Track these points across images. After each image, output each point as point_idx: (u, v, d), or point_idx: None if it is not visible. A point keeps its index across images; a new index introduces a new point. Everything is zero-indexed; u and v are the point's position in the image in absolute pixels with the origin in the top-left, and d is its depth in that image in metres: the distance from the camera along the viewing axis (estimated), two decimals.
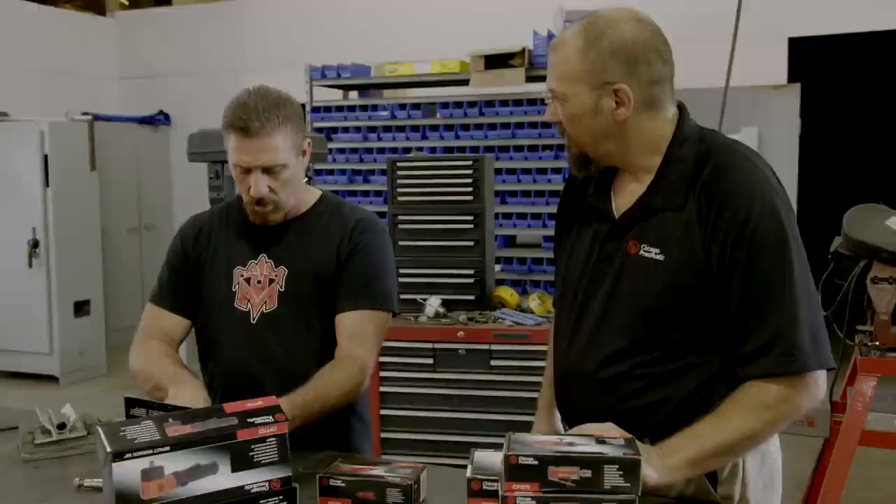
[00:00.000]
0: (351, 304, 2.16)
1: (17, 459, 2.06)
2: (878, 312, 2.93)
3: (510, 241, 5.99)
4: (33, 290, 6.89)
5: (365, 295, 2.17)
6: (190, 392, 2.02)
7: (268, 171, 2.07)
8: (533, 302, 3.96)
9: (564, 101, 1.69)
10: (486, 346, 3.78)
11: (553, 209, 5.42)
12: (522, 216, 5.71)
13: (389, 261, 2.26)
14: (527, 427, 1.91)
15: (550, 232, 5.51)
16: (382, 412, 3.91)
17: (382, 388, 3.86)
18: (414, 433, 3.89)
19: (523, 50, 5.62)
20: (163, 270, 2.33)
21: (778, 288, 1.58)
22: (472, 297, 4.01)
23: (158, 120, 8.83)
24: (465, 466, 1.65)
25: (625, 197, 1.76)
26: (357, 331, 2.15)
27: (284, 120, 2.05)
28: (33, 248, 6.82)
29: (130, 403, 1.90)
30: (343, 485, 1.69)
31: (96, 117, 7.41)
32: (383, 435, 3.92)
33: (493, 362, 3.80)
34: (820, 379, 1.61)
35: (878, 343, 2.97)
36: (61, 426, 2.11)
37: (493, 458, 1.66)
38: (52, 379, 6.97)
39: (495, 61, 5.67)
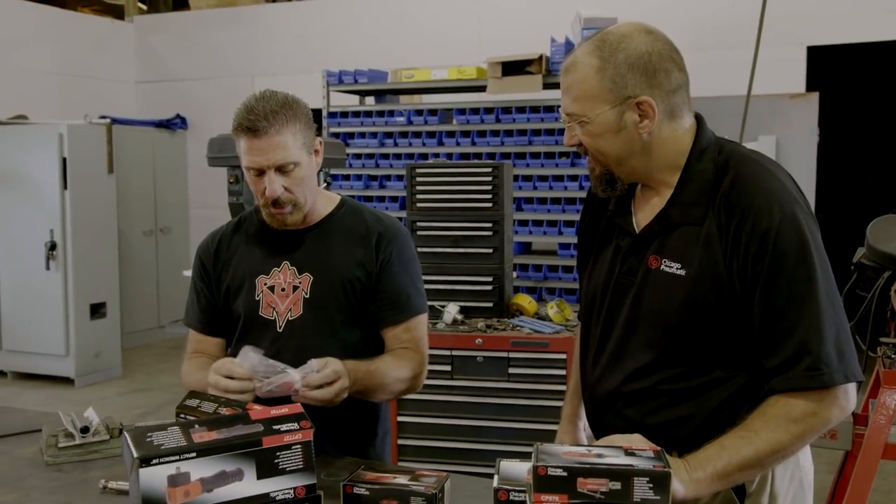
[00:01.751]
0: (396, 318, 2.21)
1: (41, 462, 2.07)
2: None
3: (526, 248, 5.98)
4: (50, 291, 6.93)
5: (406, 306, 2.21)
6: (218, 364, 2.01)
7: (280, 170, 2.06)
8: (551, 310, 3.94)
9: (586, 123, 1.66)
10: (504, 354, 3.76)
11: (569, 216, 5.47)
12: (538, 223, 5.70)
13: (417, 262, 2.29)
14: (544, 435, 1.89)
15: (566, 239, 5.52)
16: (400, 419, 3.90)
17: None
18: (431, 440, 3.88)
19: (541, 57, 5.60)
20: (190, 292, 2.34)
21: (801, 301, 1.56)
22: (489, 305, 4.00)
23: (175, 124, 8.86)
24: (482, 474, 1.64)
25: (646, 211, 1.75)
26: (407, 339, 2.21)
27: (291, 118, 2.05)
28: (51, 250, 6.85)
29: (191, 395, 1.93)
30: (367, 492, 1.69)
31: (114, 120, 7.44)
32: (400, 442, 3.90)
33: (511, 370, 3.78)
34: (849, 391, 1.58)
35: None
36: (84, 430, 2.11)
37: (518, 468, 1.65)
38: (67, 381, 7.00)
39: (512, 68, 5.66)
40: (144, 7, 9.68)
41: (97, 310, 7.13)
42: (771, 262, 1.56)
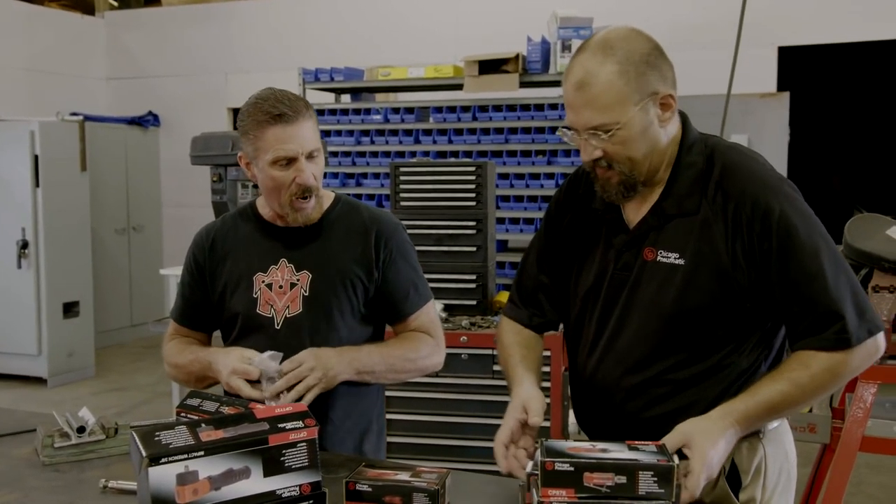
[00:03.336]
0: (408, 310, 2.25)
1: (36, 462, 2.07)
2: None
3: (503, 246, 6.01)
4: (22, 290, 6.84)
5: (416, 297, 2.26)
6: (237, 353, 2.04)
7: (309, 157, 2.08)
8: None
9: (618, 129, 1.67)
10: (488, 351, 3.78)
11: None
12: (515, 221, 5.73)
13: (414, 251, 2.32)
14: None
15: None
16: (386, 416, 3.91)
17: (386, 393, 3.86)
18: (416, 437, 3.90)
19: (517, 56, 5.64)
20: (179, 286, 2.33)
21: (814, 272, 1.63)
22: (473, 303, 4.02)
23: (147, 121, 8.78)
24: (469, 470, 1.69)
25: (635, 206, 1.80)
26: (416, 326, 2.25)
27: (308, 105, 2.10)
28: (22, 248, 6.77)
29: (192, 395, 1.94)
30: (369, 489, 1.70)
31: (85, 118, 7.36)
32: (387, 439, 3.92)
33: (495, 367, 3.81)
34: (877, 339, 1.66)
35: None
36: (81, 430, 2.11)
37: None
38: (39, 381, 6.92)
39: (489, 66, 5.69)
40: (115, 3, 9.57)
41: (70, 309, 7.06)
42: (778, 239, 1.64)
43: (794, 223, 1.65)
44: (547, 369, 3.70)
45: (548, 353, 3.70)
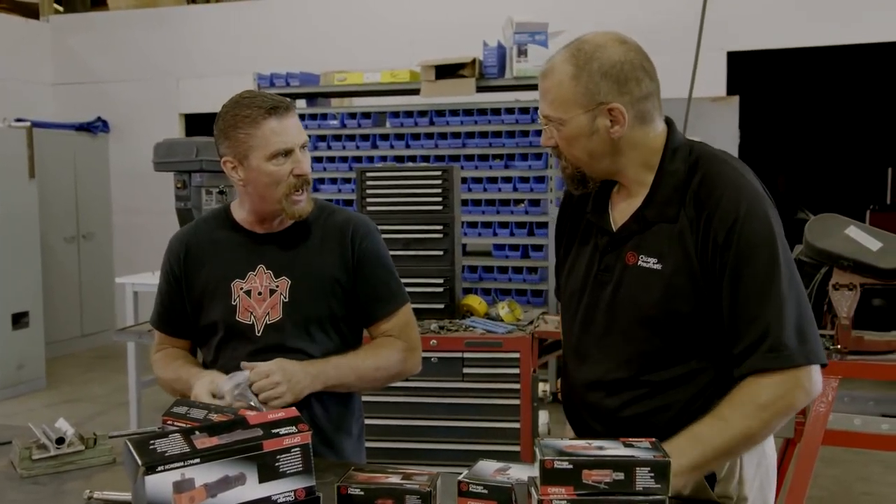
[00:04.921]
0: (383, 312, 2.24)
1: (14, 475, 2.03)
2: (840, 317, 3.06)
3: (462, 250, 6.02)
4: None
5: (390, 298, 2.25)
6: (209, 378, 2.05)
7: (301, 149, 2.09)
8: (502, 310, 4.00)
9: (561, 126, 1.76)
10: (458, 355, 3.81)
11: (503, 218, 5.54)
12: (473, 225, 5.76)
13: (389, 256, 2.32)
14: (498, 433, 1.88)
15: (500, 241, 5.60)
16: None
17: None
18: (387, 441, 3.89)
19: (474, 60, 5.66)
20: (158, 293, 2.31)
21: (765, 288, 1.66)
22: (441, 306, 4.04)
23: (96, 127, 8.60)
24: (444, 473, 1.72)
25: (622, 211, 1.84)
26: (388, 329, 2.24)
27: (290, 102, 2.11)
28: None
29: (178, 403, 1.92)
30: (362, 493, 1.70)
31: (32, 124, 7.20)
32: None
33: (465, 370, 3.84)
34: (812, 374, 1.67)
35: (839, 346, 3.10)
36: (60, 440, 2.08)
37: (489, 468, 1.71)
38: None
39: (445, 71, 5.70)
40: (60, 8, 9.38)
41: (19, 319, 6.89)
42: (737, 251, 1.67)
43: (756, 239, 1.67)
44: (515, 371, 3.73)
45: (516, 356, 3.74)
